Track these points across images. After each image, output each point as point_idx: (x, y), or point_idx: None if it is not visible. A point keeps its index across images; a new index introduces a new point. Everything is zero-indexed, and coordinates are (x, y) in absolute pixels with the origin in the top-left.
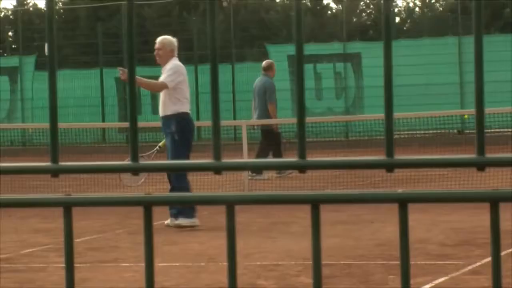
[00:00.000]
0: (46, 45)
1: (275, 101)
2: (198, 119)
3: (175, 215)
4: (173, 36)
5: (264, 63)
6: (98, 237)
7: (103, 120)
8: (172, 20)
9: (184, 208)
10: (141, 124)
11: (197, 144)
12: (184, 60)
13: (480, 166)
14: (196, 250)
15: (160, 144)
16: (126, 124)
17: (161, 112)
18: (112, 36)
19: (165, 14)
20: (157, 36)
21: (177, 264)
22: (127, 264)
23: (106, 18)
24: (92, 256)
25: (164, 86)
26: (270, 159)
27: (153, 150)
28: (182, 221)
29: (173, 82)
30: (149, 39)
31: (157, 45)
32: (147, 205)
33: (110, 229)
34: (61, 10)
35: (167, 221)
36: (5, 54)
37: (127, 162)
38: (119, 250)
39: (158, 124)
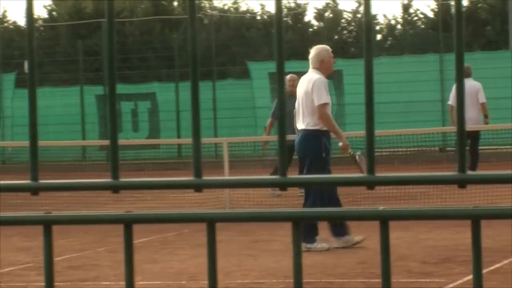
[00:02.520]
0: (26, 63)
1: (272, 116)
2: (179, 136)
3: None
4: (154, 53)
5: None
6: (78, 255)
7: (84, 138)
8: (154, 38)
9: (334, 228)
10: (121, 141)
11: (178, 161)
12: (165, 77)
13: (462, 183)
14: (177, 269)
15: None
16: (106, 142)
17: None
18: (93, 53)
19: (147, 31)
20: (139, 53)
21: (157, 282)
22: (108, 283)
23: (87, 36)
24: (72, 274)
25: None
26: (253, 177)
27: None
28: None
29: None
30: (130, 57)
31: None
32: (128, 223)
33: (90, 247)
34: (41, 28)
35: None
36: None
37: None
38: (100, 268)
39: (139, 141)
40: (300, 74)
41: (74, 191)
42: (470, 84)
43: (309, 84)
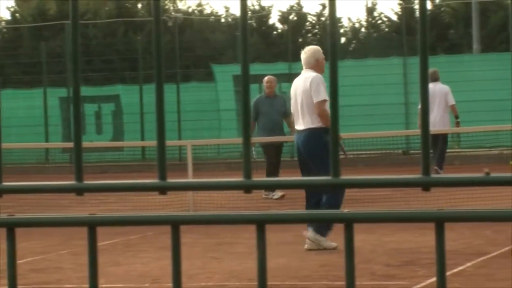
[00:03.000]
0: None
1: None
2: (143, 138)
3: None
4: (118, 55)
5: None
6: (41, 258)
7: (47, 140)
8: (117, 40)
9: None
10: (85, 144)
11: (142, 164)
12: (129, 79)
13: (426, 186)
14: (140, 271)
15: None
16: (70, 144)
17: None
18: (56, 55)
19: (110, 34)
20: (102, 56)
21: (120, 285)
22: (71, 286)
23: (50, 37)
24: (35, 277)
25: None
26: (218, 180)
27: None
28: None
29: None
30: (94, 59)
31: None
32: (92, 225)
33: (53, 250)
34: (4, 29)
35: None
36: None
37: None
38: (63, 271)
39: (102, 144)
40: (264, 77)
41: (38, 194)
42: (439, 87)
43: (306, 83)
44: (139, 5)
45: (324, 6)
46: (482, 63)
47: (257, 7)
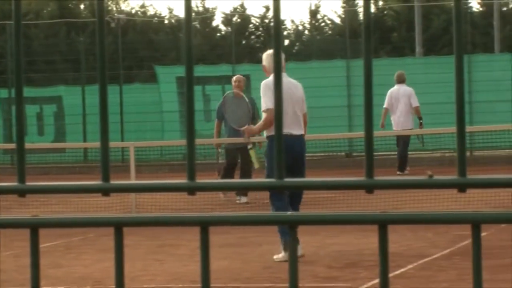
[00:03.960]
0: None
1: (216, 118)
2: (85, 140)
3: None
4: (60, 56)
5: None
6: None
7: None
8: (60, 41)
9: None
10: (27, 145)
11: (84, 165)
12: (71, 80)
13: (369, 188)
14: (81, 273)
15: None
16: (12, 145)
17: None
18: None
19: (52, 34)
20: (44, 57)
21: (62, 287)
22: None
23: None
24: None
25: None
26: (162, 181)
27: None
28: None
29: (263, 105)
30: (36, 60)
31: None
32: (34, 227)
33: None
34: None
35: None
36: None
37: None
38: (5, 273)
39: (44, 145)
40: (208, 79)
41: None
42: (403, 89)
43: (300, 90)
44: (82, 6)
45: (267, 8)
46: (425, 66)
47: (201, 9)
